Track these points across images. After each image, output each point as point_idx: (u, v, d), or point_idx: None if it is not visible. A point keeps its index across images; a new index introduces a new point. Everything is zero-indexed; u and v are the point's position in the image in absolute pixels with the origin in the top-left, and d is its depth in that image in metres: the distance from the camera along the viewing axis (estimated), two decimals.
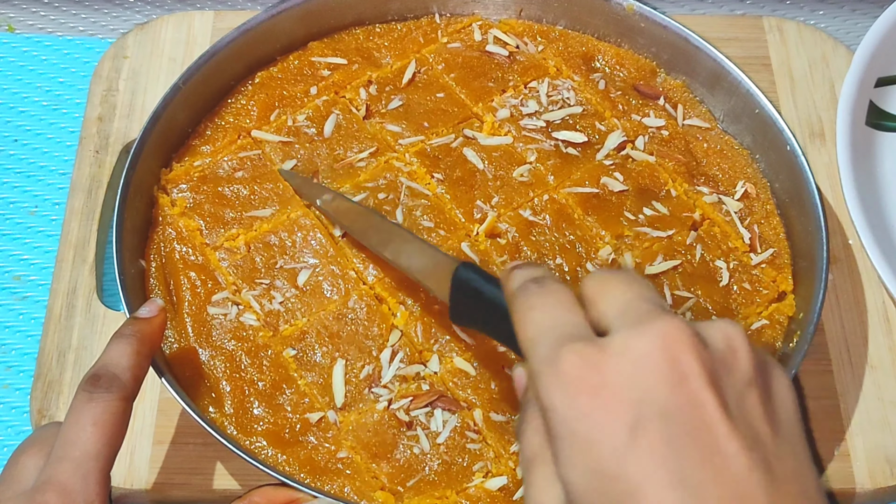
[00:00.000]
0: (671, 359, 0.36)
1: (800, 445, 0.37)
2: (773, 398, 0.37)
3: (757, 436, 0.36)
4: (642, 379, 0.36)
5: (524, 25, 0.71)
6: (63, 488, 0.44)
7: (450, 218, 0.62)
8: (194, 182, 0.63)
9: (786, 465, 0.36)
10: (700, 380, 0.35)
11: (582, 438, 0.36)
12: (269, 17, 0.67)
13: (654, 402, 0.35)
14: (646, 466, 0.34)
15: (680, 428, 0.35)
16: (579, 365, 0.36)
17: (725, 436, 0.35)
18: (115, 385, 0.48)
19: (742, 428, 0.35)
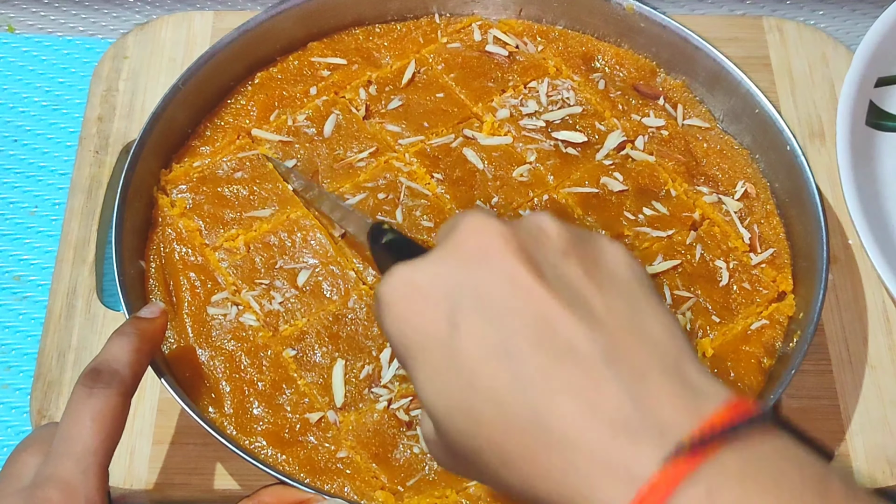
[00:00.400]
0: (476, 244, 0.36)
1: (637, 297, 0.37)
2: (597, 263, 0.37)
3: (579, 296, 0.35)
4: (450, 270, 0.37)
5: (524, 25, 0.71)
6: (65, 484, 0.44)
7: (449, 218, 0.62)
8: (194, 182, 0.63)
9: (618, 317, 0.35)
10: (505, 255, 0.36)
11: (413, 348, 0.37)
12: (268, 17, 0.67)
13: (465, 288, 0.36)
14: (473, 348, 0.35)
15: (495, 302, 0.35)
16: (393, 284, 0.38)
17: (543, 299, 0.35)
18: (115, 380, 0.48)
19: (561, 291, 0.35)
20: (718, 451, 0.32)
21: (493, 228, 0.37)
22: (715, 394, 0.34)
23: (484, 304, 0.35)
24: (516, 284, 0.35)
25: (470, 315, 0.35)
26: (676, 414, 0.33)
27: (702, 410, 0.33)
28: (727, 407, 0.33)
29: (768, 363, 0.58)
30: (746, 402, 0.34)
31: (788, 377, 0.55)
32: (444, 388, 0.36)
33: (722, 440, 0.32)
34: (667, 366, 0.35)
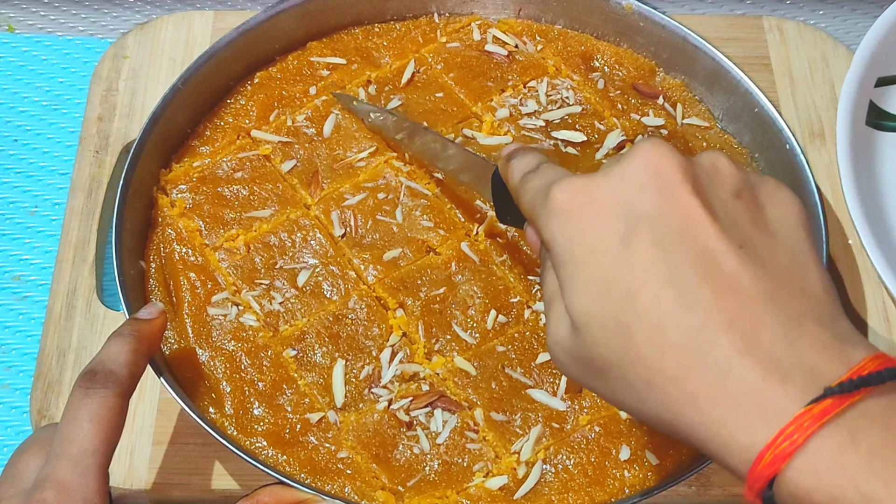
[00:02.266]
0: (655, 172, 0.38)
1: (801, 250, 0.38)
2: (764, 208, 0.39)
3: (746, 237, 0.37)
4: (628, 192, 0.38)
5: (523, 25, 0.71)
6: (62, 485, 0.44)
7: (449, 217, 0.62)
8: (194, 183, 0.63)
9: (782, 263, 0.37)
10: (684, 186, 0.37)
11: (579, 255, 0.38)
12: (268, 17, 0.67)
13: (642, 210, 0.38)
14: (640, 269, 0.37)
15: (668, 230, 0.37)
16: (569, 193, 0.40)
17: (713, 235, 0.37)
18: (112, 381, 0.48)
19: (730, 229, 0.37)
20: (864, 398, 0.34)
21: (672, 159, 0.38)
22: (864, 346, 0.36)
23: (658, 231, 0.37)
24: (689, 218, 0.37)
25: (644, 237, 0.37)
26: (826, 361, 0.35)
27: (850, 360, 0.35)
28: (874, 358, 0.35)
29: None
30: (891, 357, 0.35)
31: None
32: (601, 298, 0.37)
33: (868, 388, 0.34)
34: (821, 316, 0.36)
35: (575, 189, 0.40)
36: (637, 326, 0.36)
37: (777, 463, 0.33)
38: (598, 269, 0.38)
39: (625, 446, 0.55)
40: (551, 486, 0.54)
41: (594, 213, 0.38)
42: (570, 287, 0.39)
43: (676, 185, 0.37)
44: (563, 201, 0.40)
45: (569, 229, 0.39)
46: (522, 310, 0.59)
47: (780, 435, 0.33)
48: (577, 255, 0.39)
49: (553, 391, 0.57)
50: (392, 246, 0.61)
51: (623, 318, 0.37)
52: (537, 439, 0.55)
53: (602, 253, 0.38)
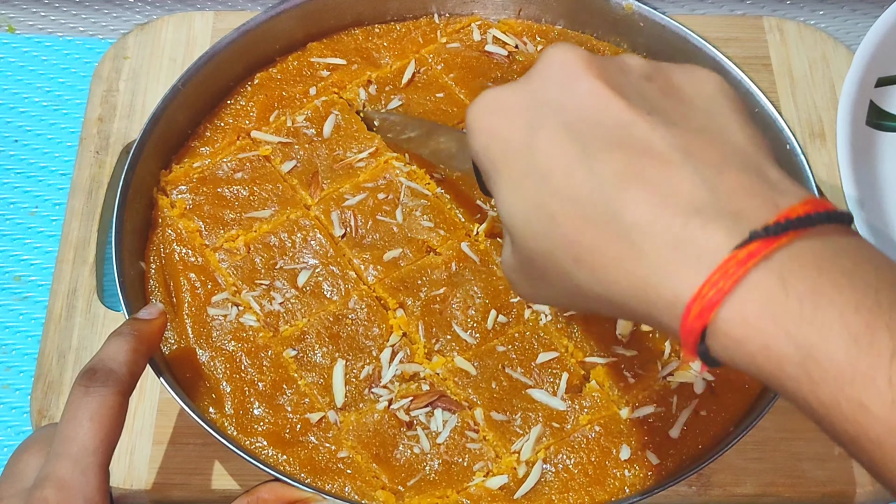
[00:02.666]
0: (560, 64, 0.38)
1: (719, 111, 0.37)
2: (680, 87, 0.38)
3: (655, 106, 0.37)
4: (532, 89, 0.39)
5: (523, 25, 0.71)
6: (62, 484, 0.44)
7: (449, 218, 0.62)
8: (194, 183, 0.63)
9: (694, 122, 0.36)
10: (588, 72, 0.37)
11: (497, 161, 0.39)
12: (268, 17, 0.67)
13: (547, 100, 0.38)
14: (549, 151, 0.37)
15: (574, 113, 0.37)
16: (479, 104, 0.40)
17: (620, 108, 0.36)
18: (111, 379, 0.48)
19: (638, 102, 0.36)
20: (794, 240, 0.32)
21: (576, 54, 0.38)
22: (794, 191, 0.34)
23: (564, 115, 0.37)
24: (595, 96, 0.37)
25: (548, 122, 0.37)
26: (752, 203, 0.33)
27: (779, 203, 0.33)
28: (805, 202, 0.33)
29: None
30: (825, 201, 0.34)
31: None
32: (521, 191, 0.37)
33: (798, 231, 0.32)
34: (746, 164, 0.35)
35: (483, 99, 0.40)
36: (555, 206, 0.36)
37: (705, 314, 0.32)
38: (513, 167, 0.38)
39: (625, 446, 0.55)
40: (551, 485, 0.54)
41: (501, 116, 0.39)
42: (496, 196, 0.39)
43: (580, 72, 0.37)
44: (473, 118, 0.40)
45: (481, 137, 0.39)
46: (522, 310, 0.59)
47: (706, 284, 0.32)
48: (495, 161, 0.39)
49: (553, 391, 0.57)
50: (392, 246, 0.61)
51: (542, 203, 0.37)
52: (537, 439, 0.55)
53: (513, 150, 0.38)
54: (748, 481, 0.59)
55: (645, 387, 0.57)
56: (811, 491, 0.59)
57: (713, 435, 0.56)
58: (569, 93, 0.37)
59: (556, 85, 0.38)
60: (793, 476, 0.59)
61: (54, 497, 0.44)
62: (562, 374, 0.57)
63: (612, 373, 0.57)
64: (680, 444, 0.55)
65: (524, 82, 0.39)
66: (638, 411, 0.56)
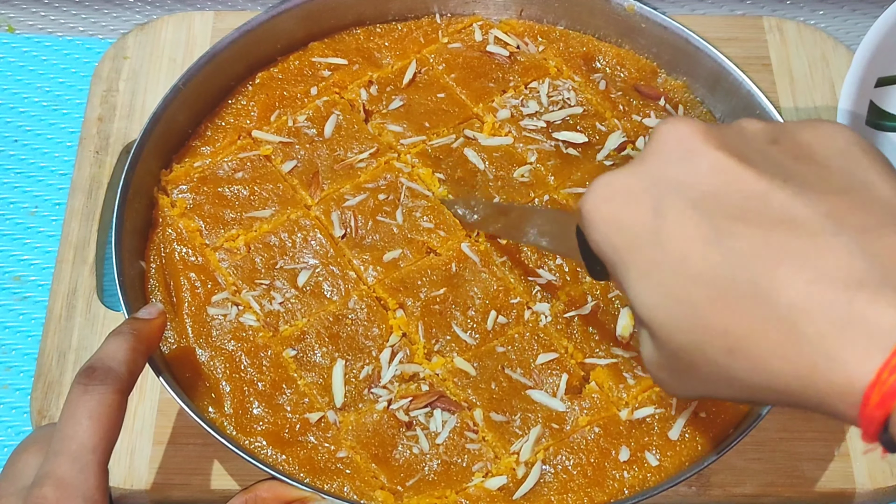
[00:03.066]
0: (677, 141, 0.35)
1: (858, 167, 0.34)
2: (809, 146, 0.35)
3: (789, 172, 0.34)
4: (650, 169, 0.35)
5: (525, 25, 0.71)
6: (60, 482, 0.44)
7: (450, 218, 0.62)
8: (194, 183, 0.63)
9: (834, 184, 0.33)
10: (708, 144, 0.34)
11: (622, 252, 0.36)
12: (269, 17, 0.67)
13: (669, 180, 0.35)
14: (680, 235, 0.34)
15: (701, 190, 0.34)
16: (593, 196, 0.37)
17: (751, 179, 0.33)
18: (111, 377, 0.48)
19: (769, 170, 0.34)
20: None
21: (692, 126, 0.36)
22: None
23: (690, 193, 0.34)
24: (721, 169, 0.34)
25: (675, 202, 0.34)
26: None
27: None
28: None
29: None
30: None
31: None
32: (656, 283, 0.35)
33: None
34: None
35: (598, 187, 0.37)
36: (697, 294, 0.33)
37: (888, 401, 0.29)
38: (643, 256, 0.35)
39: (624, 447, 0.55)
40: (550, 486, 0.54)
41: (621, 203, 0.36)
42: (628, 290, 0.36)
43: (701, 146, 0.35)
44: (590, 208, 0.37)
45: (601, 227, 0.37)
46: (522, 311, 0.59)
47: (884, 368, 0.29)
48: (619, 250, 0.36)
49: (553, 392, 0.57)
50: (392, 247, 0.61)
51: (681, 292, 0.34)
52: (537, 440, 0.55)
53: (640, 237, 0.35)
54: (748, 481, 0.59)
55: (644, 388, 0.57)
56: (811, 491, 0.59)
57: (713, 437, 0.56)
58: (691, 169, 0.35)
59: (675, 162, 0.35)
60: (793, 476, 0.59)
61: (53, 495, 0.44)
62: (561, 375, 0.57)
63: (612, 374, 0.57)
64: (679, 446, 0.55)
65: (639, 163, 0.37)
66: (637, 412, 0.56)
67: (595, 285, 0.60)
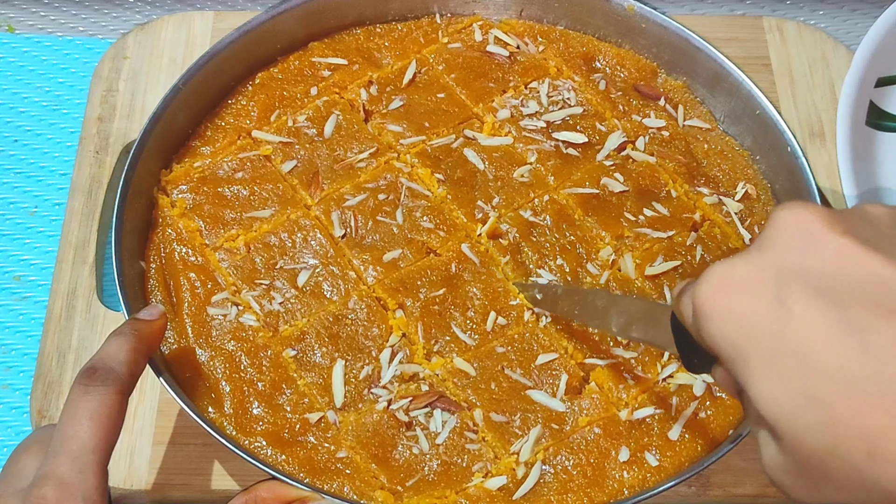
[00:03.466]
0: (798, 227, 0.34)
1: None
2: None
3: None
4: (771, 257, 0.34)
5: (525, 26, 0.71)
6: (60, 481, 0.44)
7: (450, 219, 0.62)
8: (194, 183, 0.63)
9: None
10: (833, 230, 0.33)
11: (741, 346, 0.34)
12: (269, 17, 0.67)
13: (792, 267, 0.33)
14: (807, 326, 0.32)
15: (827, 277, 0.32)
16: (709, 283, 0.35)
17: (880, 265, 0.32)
18: (111, 378, 0.48)
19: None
20: None
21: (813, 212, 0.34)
22: None
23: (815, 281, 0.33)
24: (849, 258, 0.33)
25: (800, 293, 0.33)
26: None
27: None
28: None
29: None
30: None
31: None
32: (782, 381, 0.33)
33: None
34: None
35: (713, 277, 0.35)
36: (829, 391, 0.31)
37: None
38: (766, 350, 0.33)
39: (624, 447, 0.55)
40: (550, 486, 0.54)
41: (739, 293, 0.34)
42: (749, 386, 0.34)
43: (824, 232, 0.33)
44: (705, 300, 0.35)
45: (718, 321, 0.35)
46: (522, 312, 0.59)
47: None
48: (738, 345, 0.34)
49: (552, 392, 0.57)
50: (392, 247, 0.61)
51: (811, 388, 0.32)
52: (536, 440, 0.55)
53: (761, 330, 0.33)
54: (748, 482, 0.59)
55: (644, 388, 0.57)
56: None
57: (712, 437, 0.56)
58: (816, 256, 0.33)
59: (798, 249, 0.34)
60: None
61: (53, 495, 0.44)
62: (561, 375, 0.57)
63: (612, 374, 0.57)
64: (679, 446, 0.55)
65: (757, 251, 0.35)
66: (637, 413, 0.56)
67: (595, 286, 0.60)
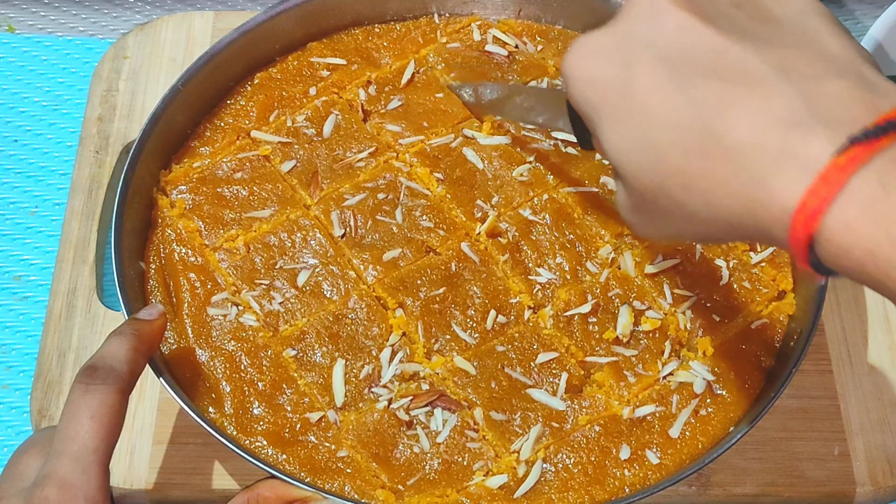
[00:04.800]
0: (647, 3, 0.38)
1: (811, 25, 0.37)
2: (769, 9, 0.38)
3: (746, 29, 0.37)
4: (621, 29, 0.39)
5: (523, 25, 0.71)
6: (63, 482, 0.44)
7: (450, 218, 0.62)
8: (193, 183, 0.63)
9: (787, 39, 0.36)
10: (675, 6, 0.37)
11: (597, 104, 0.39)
12: (268, 17, 0.67)
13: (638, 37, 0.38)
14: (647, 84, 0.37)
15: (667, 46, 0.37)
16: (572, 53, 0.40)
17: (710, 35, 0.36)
18: (112, 377, 0.48)
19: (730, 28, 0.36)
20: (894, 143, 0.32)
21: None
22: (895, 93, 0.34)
23: (656, 49, 0.37)
24: (685, 28, 0.37)
25: (643, 57, 0.37)
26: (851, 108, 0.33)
27: (879, 106, 0.33)
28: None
29: (768, 362, 0.58)
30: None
31: (789, 376, 0.55)
32: (626, 130, 0.38)
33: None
34: (843, 71, 0.35)
35: (575, 50, 0.40)
36: (660, 138, 0.37)
37: (810, 223, 0.32)
38: (614, 107, 0.38)
39: (625, 445, 0.55)
40: (551, 485, 0.54)
41: (595, 59, 0.39)
42: (602, 139, 0.39)
43: (667, 6, 0.38)
44: (568, 65, 0.40)
45: (580, 87, 0.40)
46: (522, 310, 0.59)
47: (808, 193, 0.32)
48: (595, 105, 0.39)
49: (553, 391, 0.57)
50: (392, 246, 0.61)
51: (646, 137, 0.37)
52: (537, 438, 0.55)
53: (612, 90, 0.38)
54: (748, 481, 0.59)
55: (645, 386, 0.57)
56: (811, 491, 0.59)
57: (713, 435, 0.56)
58: (659, 27, 0.38)
59: (644, 22, 0.38)
60: (793, 476, 0.59)
61: (55, 496, 0.44)
62: (561, 373, 0.57)
63: (613, 372, 0.57)
64: (680, 444, 0.55)
65: (612, 24, 0.40)
66: (638, 411, 0.56)
67: (595, 284, 0.60)
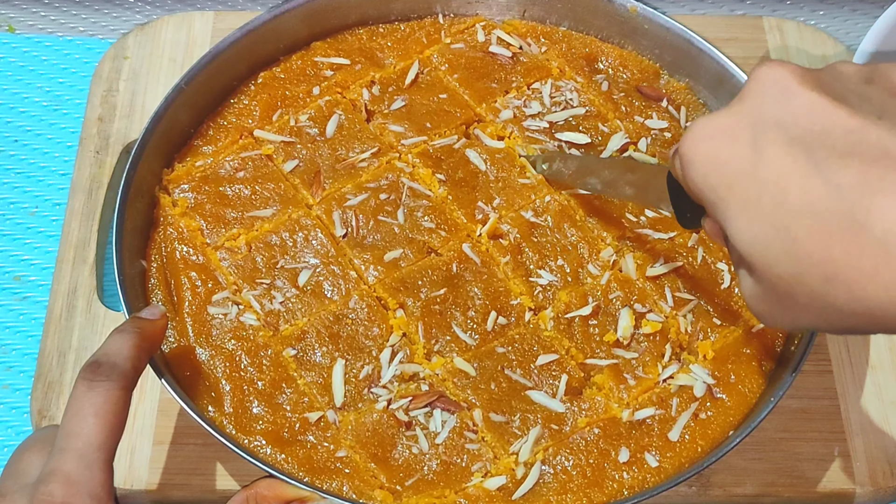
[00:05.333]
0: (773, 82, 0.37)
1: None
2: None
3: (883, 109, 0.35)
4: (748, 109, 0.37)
5: (527, 26, 0.71)
6: (67, 478, 0.44)
7: (451, 219, 0.62)
8: (196, 182, 0.63)
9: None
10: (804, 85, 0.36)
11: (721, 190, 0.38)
12: (272, 17, 0.67)
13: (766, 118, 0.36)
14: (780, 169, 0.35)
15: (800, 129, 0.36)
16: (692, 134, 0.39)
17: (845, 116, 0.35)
18: (115, 373, 0.48)
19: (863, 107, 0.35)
20: None
21: (788, 68, 0.37)
22: None
23: (787, 131, 0.36)
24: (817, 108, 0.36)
25: (773, 139, 0.36)
26: None
27: None
28: None
29: (768, 367, 0.58)
30: None
31: (790, 380, 0.55)
32: (755, 217, 0.36)
33: None
34: None
35: (696, 129, 0.39)
36: (796, 226, 0.35)
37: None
38: (742, 191, 0.37)
39: (624, 448, 0.55)
40: (550, 486, 0.54)
41: (720, 141, 0.38)
42: (728, 226, 0.38)
43: (795, 86, 0.36)
44: (688, 147, 0.39)
45: (703, 171, 0.38)
46: (523, 312, 0.59)
47: None
48: (717, 188, 0.38)
49: (552, 393, 0.57)
50: (393, 246, 0.61)
51: (781, 224, 0.35)
52: (536, 440, 0.55)
53: (738, 173, 0.37)
54: (748, 482, 0.59)
55: (645, 389, 0.57)
56: (811, 491, 0.59)
57: (712, 438, 0.56)
58: (788, 108, 0.36)
59: (772, 102, 0.37)
60: (793, 476, 0.59)
61: (60, 492, 0.44)
62: (561, 375, 0.57)
63: (613, 375, 0.57)
64: (679, 448, 0.55)
65: (736, 104, 0.38)
66: (637, 414, 0.56)
67: (596, 287, 0.60)
